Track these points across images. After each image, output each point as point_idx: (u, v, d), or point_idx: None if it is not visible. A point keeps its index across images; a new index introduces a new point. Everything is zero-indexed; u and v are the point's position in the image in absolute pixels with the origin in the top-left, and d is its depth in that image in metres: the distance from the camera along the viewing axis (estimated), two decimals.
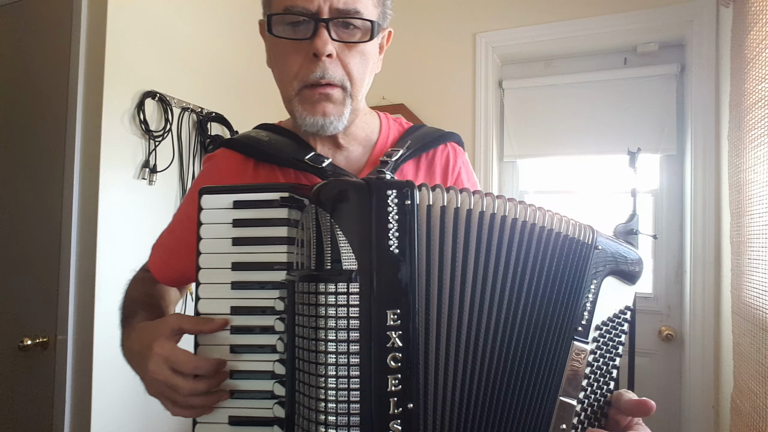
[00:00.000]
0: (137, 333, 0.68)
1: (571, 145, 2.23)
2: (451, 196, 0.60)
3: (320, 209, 0.56)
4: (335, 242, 0.55)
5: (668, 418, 2.03)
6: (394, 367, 0.55)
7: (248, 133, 0.86)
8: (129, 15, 1.62)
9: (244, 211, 0.62)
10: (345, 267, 0.55)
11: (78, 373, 1.52)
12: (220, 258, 0.62)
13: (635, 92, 2.13)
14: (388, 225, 0.56)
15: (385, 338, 0.55)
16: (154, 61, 1.71)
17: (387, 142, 0.85)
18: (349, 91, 0.73)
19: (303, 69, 0.71)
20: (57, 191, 1.57)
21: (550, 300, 0.62)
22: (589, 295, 0.64)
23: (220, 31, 2.02)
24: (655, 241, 2.08)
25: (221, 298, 0.62)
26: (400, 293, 0.56)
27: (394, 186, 0.57)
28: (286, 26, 0.71)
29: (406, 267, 0.56)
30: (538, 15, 2.17)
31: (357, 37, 0.72)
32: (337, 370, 0.54)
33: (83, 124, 1.56)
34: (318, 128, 0.73)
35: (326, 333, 0.54)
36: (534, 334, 0.62)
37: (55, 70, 1.61)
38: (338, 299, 0.54)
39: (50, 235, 1.58)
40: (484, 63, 2.25)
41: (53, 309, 1.56)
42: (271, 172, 0.80)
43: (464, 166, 0.89)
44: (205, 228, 0.63)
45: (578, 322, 0.64)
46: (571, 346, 0.63)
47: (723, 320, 1.78)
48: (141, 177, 1.66)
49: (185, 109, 1.82)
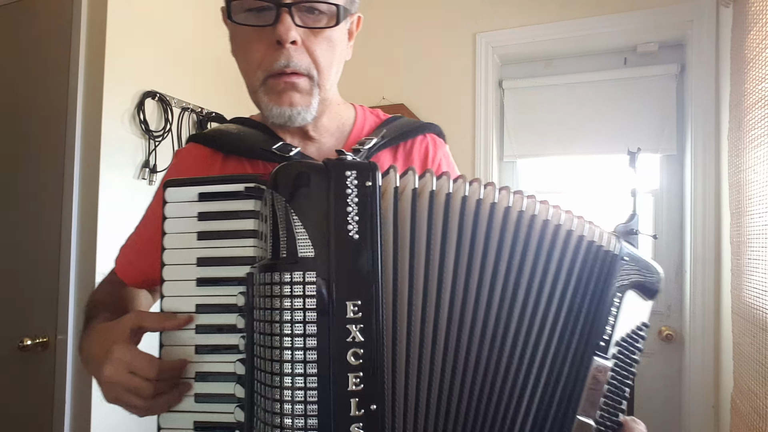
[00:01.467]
0: (96, 335, 0.65)
1: (571, 145, 2.23)
2: (426, 180, 0.56)
3: (276, 193, 0.52)
4: (291, 228, 0.51)
5: (668, 418, 2.03)
6: (355, 364, 0.50)
7: (219, 126, 0.83)
8: (129, 15, 1.62)
9: (209, 204, 0.59)
10: (301, 255, 0.50)
11: (78, 373, 1.52)
12: (185, 254, 0.59)
13: (635, 92, 2.13)
14: (347, 208, 0.51)
15: (344, 332, 0.50)
16: (154, 61, 1.71)
17: (362, 133, 0.80)
18: (316, 79, 0.69)
19: (267, 57, 0.67)
20: (57, 191, 1.57)
21: (572, 309, 0.58)
22: (613, 309, 0.60)
23: (220, 31, 2.01)
24: (655, 241, 2.08)
25: (186, 295, 0.59)
26: (360, 283, 0.51)
27: (354, 167, 0.53)
28: (247, 13, 0.67)
29: (368, 254, 0.51)
30: (538, 15, 2.17)
31: (323, 23, 0.68)
32: (293, 368, 0.49)
33: (83, 124, 1.56)
34: (285, 119, 0.69)
35: (281, 327, 0.50)
36: (550, 344, 0.57)
37: (55, 70, 1.61)
38: (294, 290, 0.50)
39: (50, 235, 1.58)
40: (484, 63, 2.25)
41: (53, 309, 1.56)
42: (240, 165, 0.77)
43: (445, 158, 0.85)
44: (170, 222, 0.60)
45: (600, 336, 0.59)
46: (592, 362, 0.58)
47: (723, 320, 1.78)
48: (141, 177, 1.66)
49: (185, 109, 1.82)
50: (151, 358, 0.57)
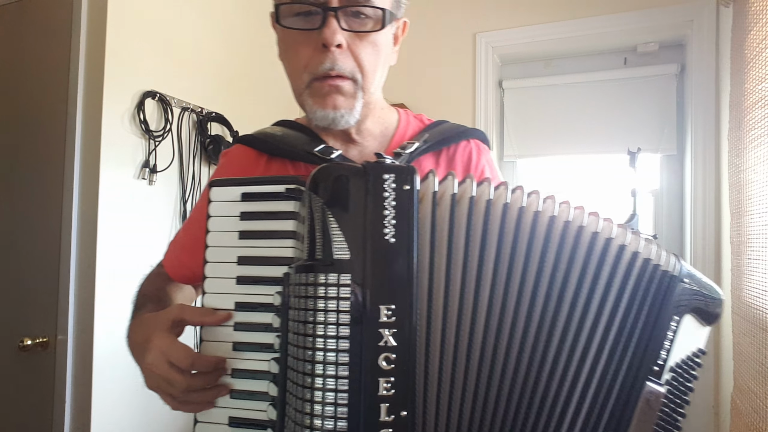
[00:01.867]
0: (140, 324, 0.67)
1: (571, 145, 2.23)
2: (466, 186, 0.54)
3: (314, 195, 0.53)
4: (327, 229, 0.51)
5: None
6: (387, 369, 0.49)
7: (264, 129, 0.85)
8: (129, 15, 1.62)
9: (251, 204, 0.60)
10: (336, 256, 0.50)
11: (78, 373, 1.52)
12: (227, 252, 0.60)
13: (635, 92, 2.13)
14: (384, 212, 0.51)
15: (377, 336, 0.49)
16: (154, 61, 1.71)
17: (405, 137, 0.80)
18: (360, 83, 0.70)
19: (312, 60, 0.68)
20: (57, 191, 1.57)
21: (623, 329, 0.55)
22: (669, 333, 0.56)
23: (220, 31, 2.02)
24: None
25: (226, 293, 0.60)
26: (395, 287, 0.50)
27: (392, 170, 0.52)
28: (295, 17, 0.69)
29: (403, 258, 0.51)
30: (538, 15, 2.17)
31: (368, 27, 0.69)
32: (324, 369, 0.49)
33: (83, 124, 1.56)
34: (329, 122, 0.70)
35: (314, 328, 0.50)
36: (597, 364, 0.54)
37: (55, 70, 1.61)
38: (328, 291, 0.50)
39: (50, 235, 1.58)
40: (484, 63, 2.25)
41: (53, 309, 1.55)
42: (283, 167, 0.78)
43: (488, 164, 0.84)
44: (214, 221, 0.61)
45: (654, 361, 0.55)
46: (644, 387, 0.55)
47: (723, 320, 1.78)
48: (141, 177, 1.66)
49: (185, 109, 1.82)
50: (187, 349, 0.58)
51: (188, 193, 1.83)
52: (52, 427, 1.53)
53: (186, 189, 1.83)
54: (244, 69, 2.12)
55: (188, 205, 1.83)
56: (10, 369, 1.64)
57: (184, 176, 1.82)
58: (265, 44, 2.15)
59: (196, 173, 1.87)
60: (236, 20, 2.10)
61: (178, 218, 1.81)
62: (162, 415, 1.71)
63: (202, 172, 1.90)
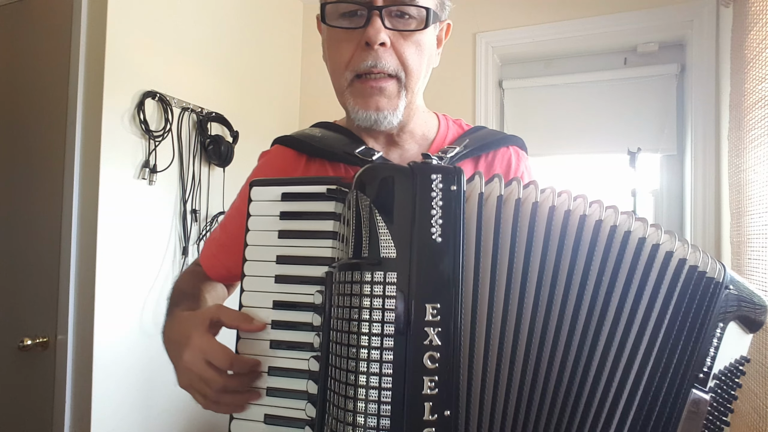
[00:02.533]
0: (178, 321, 0.67)
1: (571, 144, 2.23)
2: (513, 188, 0.55)
3: (361, 194, 0.53)
4: (374, 229, 0.51)
5: None
6: (431, 368, 0.49)
7: (303, 130, 0.85)
8: (129, 15, 1.62)
9: (291, 204, 0.61)
10: (383, 255, 0.51)
11: (78, 373, 1.52)
12: (266, 251, 0.61)
13: (635, 92, 2.13)
14: (431, 211, 0.51)
15: (422, 334, 0.49)
16: (154, 61, 1.71)
17: (444, 142, 0.80)
18: (404, 82, 0.70)
19: (355, 57, 0.68)
20: (57, 191, 1.57)
21: (669, 335, 0.55)
22: (714, 340, 0.56)
23: (220, 31, 2.02)
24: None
25: (264, 291, 0.61)
26: (441, 286, 0.50)
27: (439, 171, 0.52)
28: (340, 17, 0.69)
29: (450, 258, 0.51)
30: (538, 15, 2.17)
31: (412, 26, 0.69)
32: (368, 367, 0.49)
33: (83, 124, 1.56)
34: (371, 123, 0.70)
35: (359, 326, 0.50)
36: (644, 369, 0.54)
37: (55, 70, 1.61)
38: (374, 289, 0.50)
39: (50, 235, 1.58)
40: (484, 63, 2.25)
41: (53, 309, 1.56)
42: (322, 167, 0.79)
43: (527, 171, 0.84)
44: (254, 220, 0.62)
45: (700, 368, 0.55)
46: (690, 395, 0.55)
47: None
48: (141, 177, 1.66)
49: (185, 109, 1.82)
50: (225, 350, 0.58)
51: (188, 193, 1.83)
52: (52, 427, 1.53)
53: (186, 189, 1.83)
54: (244, 69, 2.12)
55: (188, 205, 1.83)
56: (10, 369, 1.64)
57: (184, 176, 1.82)
58: (266, 44, 2.16)
59: (196, 173, 1.87)
60: (236, 20, 2.10)
61: (178, 218, 1.81)
62: (162, 415, 1.71)
63: (202, 172, 1.90)
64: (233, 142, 1.99)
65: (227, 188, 1.98)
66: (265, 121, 2.26)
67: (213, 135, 1.92)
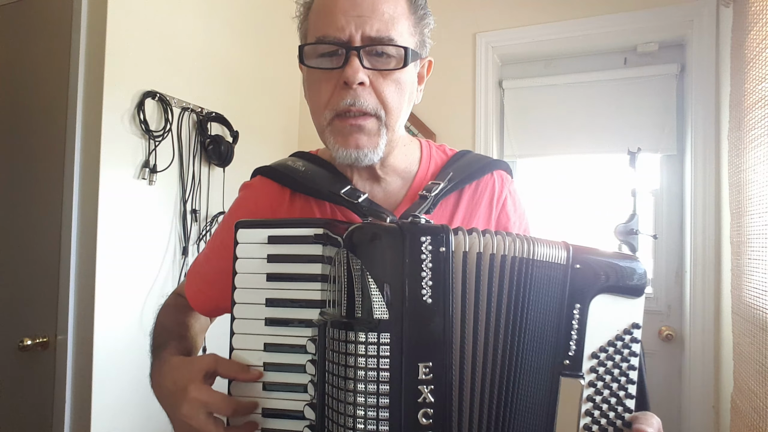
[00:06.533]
0: (170, 369, 0.67)
1: (571, 144, 2.23)
2: (487, 241, 0.58)
3: (352, 255, 0.54)
4: (366, 289, 0.53)
5: (668, 418, 2.03)
6: (426, 424, 0.52)
7: (285, 161, 0.84)
8: (129, 15, 1.62)
9: (278, 247, 0.62)
10: (376, 316, 0.53)
11: (78, 373, 1.52)
12: (255, 293, 0.62)
13: (635, 92, 2.13)
14: (422, 273, 0.53)
15: (416, 392, 0.52)
16: (154, 61, 1.71)
17: (427, 174, 0.82)
18: (384, 120, 0.70)
19: (334, 97, 0.69)
20: (57, 191, 1.57)
21: (532, 339, 0.58)
22: (574, 322, 0.57)
23: (220, 31, 2.02)
24: (655, 241, 2.08)
25: (255, 333, 0.61)
26: (432, 345, 0.53)
27: (428, 232, 0.55)
28: (319, 57, 0.70)
29: (440, 318, 0.54)
30: (538, 15, 2.17)
31: (391, 65, 0.69)
32: (365, 424, 0.52)
33: (83, 124, 1.56)
34: (352, 160, 0.70)
35: (355, 384, 0.52)
36: (518, 379, 0.57)
37: (55, 70, 1.61)
38: (368, 349, 0.52)
39: (50, 235, 1.58)
40: (484, 63, 2.25)
41: (53, 309, 1.55)
42: (306, 204, 0.79)
43: (510, 195, 0.85)
44: (241, 263, 0.62)
45: (564, 355, 0.57)
46: (559, 385, 0.57)
47: (723, 320, 1.78)
48: (141, 177, 1.66)
49: (185, 109, 1.82)
50: (226, 399, 0.60)
51: (188, 193, 1.83)
52: (52, 427, 1.53)
53: (186, 189, 1.83)
54: (244, 69, 2.12)
55: (188, 205, 1.83)
56: (10, 369, 1.64)
57: (184, 176, 1.82)
58: (266, 44, 2.16)
59: (196, 173, 1.87)
60: (236, 20, 2.10)
61: (178, 218, 1.81)
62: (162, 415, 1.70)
63: (202, 172, 1.90)
64: (233, 142, 1.99)
65: (227, 188, 1.99)
66: (265, 121, 2.26)
67: (213, 135, 1.92)
